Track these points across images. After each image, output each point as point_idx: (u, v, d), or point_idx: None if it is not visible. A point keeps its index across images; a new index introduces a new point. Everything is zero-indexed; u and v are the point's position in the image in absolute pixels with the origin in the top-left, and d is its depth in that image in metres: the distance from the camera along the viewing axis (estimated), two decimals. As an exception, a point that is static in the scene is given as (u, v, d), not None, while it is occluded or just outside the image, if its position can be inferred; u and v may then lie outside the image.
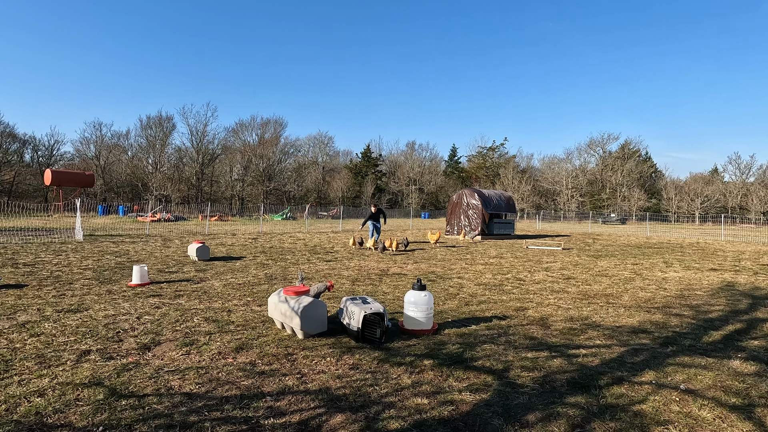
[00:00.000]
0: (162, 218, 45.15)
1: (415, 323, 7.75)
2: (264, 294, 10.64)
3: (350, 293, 10.91)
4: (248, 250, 20.47)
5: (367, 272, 14.41)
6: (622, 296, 11.22)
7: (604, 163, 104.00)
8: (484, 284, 12.62)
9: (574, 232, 43.97)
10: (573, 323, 8.54)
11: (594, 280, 13.57)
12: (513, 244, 26.67)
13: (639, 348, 7.17)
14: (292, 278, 13.01)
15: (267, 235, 29.22)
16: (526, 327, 8.24)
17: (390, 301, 10.12)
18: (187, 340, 7.15)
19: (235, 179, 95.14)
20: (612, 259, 19.51)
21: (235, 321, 8.30)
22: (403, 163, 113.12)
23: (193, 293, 10.63)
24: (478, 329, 8.03)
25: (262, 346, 6.97)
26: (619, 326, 8.40)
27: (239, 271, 14.10)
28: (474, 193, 31.48)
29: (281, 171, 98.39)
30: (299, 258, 17.94)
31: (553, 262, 18.11)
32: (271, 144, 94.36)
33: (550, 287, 12.32)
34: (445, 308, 9.55)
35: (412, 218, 55.92)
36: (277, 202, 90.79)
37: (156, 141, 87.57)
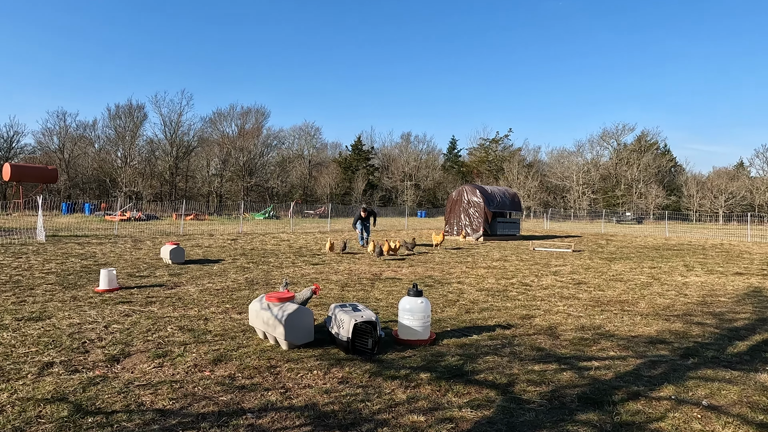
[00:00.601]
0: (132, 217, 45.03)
1: (410, 333, 7.76)
2: (244, 300, 10.63)
3: (339, 300, 10.92)
4: (227, 252, 20.45)
5: (357, 277, 14.41)
6: (638, 303, 11.24)
7: (619, 157, 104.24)
8: (486, 290, 12.63)
9: (586, 232, 44.05)
10: (584, 333, 8.55)
11: (607, 286, 13.60)
12: (518, 245, 26.72)
13: (657, 360, 7.18)
14: (276, 283, 13.00)
15: (248, 236, 29.19)
16: (532, 337, 8.25)
17: (383, 308, 10.13)
18: (160, 352, 7.13)
19: (212, 174, 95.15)
20: (627, 262, 19.55)
21: (212, 330, 8.29)
22: (398, 157, 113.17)
23: (167, 300, 10.61)
24: (479, 339, 8.04)
25: (242, 357, 6.96)
26: (635, 336, 8.42)
27: (217, 276, 14.09)
28: (475, 190, 31.50)
29: (263, 165, 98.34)
30: (283, 261, 17.93)
31: (563, 265, 18.15)
32: (252, 135, 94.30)
33: (559, 293, 12.34)
34: (444, 316, 9.57)
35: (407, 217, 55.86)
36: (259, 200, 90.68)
37: (126, 132, 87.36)
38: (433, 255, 20.53)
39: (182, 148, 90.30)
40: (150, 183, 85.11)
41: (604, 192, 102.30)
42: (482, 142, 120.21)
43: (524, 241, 30.53)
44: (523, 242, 29.17)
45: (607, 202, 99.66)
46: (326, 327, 7.93)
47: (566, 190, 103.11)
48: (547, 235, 38.99)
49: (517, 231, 33.05)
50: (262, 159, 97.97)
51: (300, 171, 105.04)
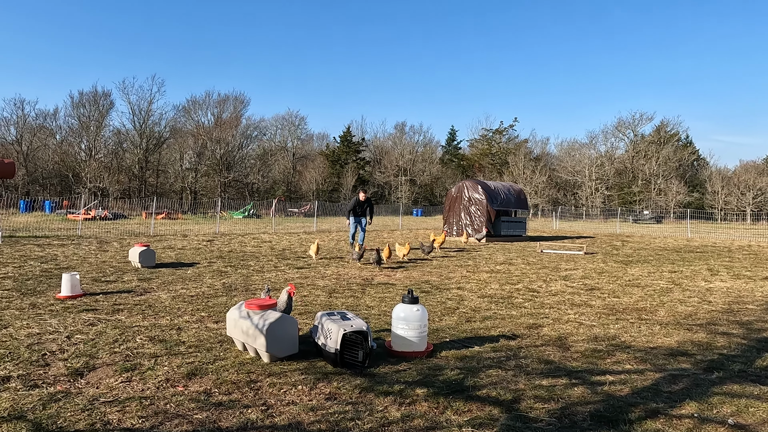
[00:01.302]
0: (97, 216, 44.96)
1: (405, 344, 7.75)
2: (221, 308, 10.62)
3: (326, 307, 10.91)
4: (202, 254, 20.43)
5: (347, 282, 14.41)
6: (657, 311, 11.27)
7: (636, 149, 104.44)
8: (489, 296, 12.65)
9: (599, 232, 44.12)
10: (597, 344, 8.57)
11: (623, 292, 13.63)
12: (524, 247, 26.75)
13: (678, 374, 7.18)
14: (256, 289, 12.99)
15: (225, 237, 29.17)
16: (540, 348, 8.26)
17: (375, 316, 10.14)
18: (128, 365, 7.12)
19: (186, 168, 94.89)
20: (645, 265, 19.59)
21: (186, 341, 8.28)
22: (391, 149, 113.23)
23: (136, 307, 10.59)
24: (482, 351, 8.04)
25: (219, 371, 6.95)
26: (654, 347, 8.44)
27: (191, 281, 14.07)
28: (477, 186, 31.53)
29: (242, 158, 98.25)
30: (264, 264, 17.93)
31: (574, 269, 18.18)
32: (230, 126, 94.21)
33: (569, 300, 12.37)
34: (442, 325, 9.57)
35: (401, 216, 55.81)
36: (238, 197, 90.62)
37: (90, 122, 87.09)
38: (429, 258, 20.54)
39: (153, 139, 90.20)
40: (117, 178, 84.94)
41: (619, 188, 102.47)
42: (485, 132, 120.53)
43: (531, 242, 30.57)
44: (529, 244, 29.21)
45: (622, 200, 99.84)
46: (312, 337, 7.92)
47: (577, 186, 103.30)
48: (557, 235, 39.05)
49: (524, 231, 33.10)
50: (241, 152, 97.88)
51: (283, 165, 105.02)
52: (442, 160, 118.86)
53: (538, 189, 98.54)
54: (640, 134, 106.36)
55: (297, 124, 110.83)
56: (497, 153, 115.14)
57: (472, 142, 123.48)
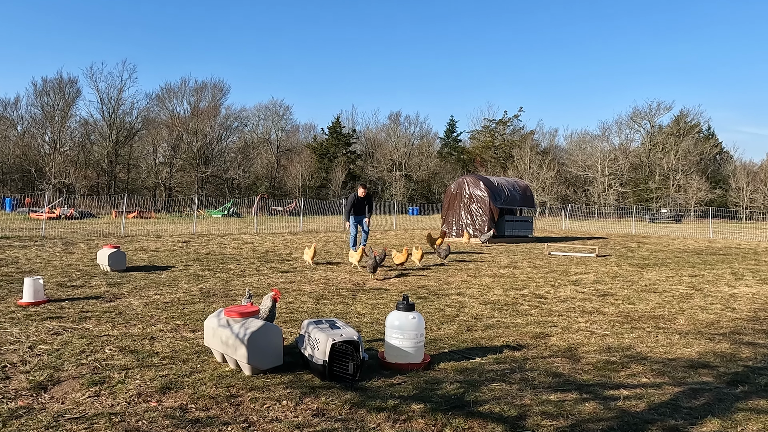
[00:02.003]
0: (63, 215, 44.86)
1: (400, 355, 7.75)
2: (199, 316, 10.62)
3: (314, 315, 10.92)
4: (178, 257, 20.42)
5: (336, 287, 14.41)
6: (676, 319, 11.29)
7: (653, 142, 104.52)
8: (492, 303, 12.67)
9: (613, 233, 44.18)
10: (611, 355, 8.57)
11: (639, 298, 13.65)
12: (531, 248, 26.78)
13: (699, 388, 7.19)
14: (237, 295, 12.99)
15: (203, 237, 29.15)
16: (548, 360, 8.27)
17: (367, 325, 10.14)
18: (97, 378, 7.10)
19: (160, 163, 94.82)
20: (663, 269, 19.63)
21: (160, 352, 8.26)
22: (385, 142, 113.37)
23: (105, 315, 10.57)
24: (484, 363, 8.04)
25: (195, 385, 6.94)
26: (673, 359, 8.44)
27: (166, 286, 14.06)
28: (479, 182, 31.52)
29: (222, 152, 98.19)
30: (246, 268, 17.92)
31: (585, 273, 18.20)
32: (208, 116, 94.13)
33: (580, 307, 12.38)
34: (441, 335, 9.58)
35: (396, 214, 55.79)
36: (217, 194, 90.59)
37: (55, 112, 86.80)
38: (426, 261, 20.54)
39: (123, 131, 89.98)
40: (84, 173, 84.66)
41: (634, 184, 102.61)
42: (487, 123, 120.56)
43: (538, 243, 30.60)
44: (536, 245, 29.24)
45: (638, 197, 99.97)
46: (298, 348, 7.91)
47: (589, 182, 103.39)
48: (566, 236, 39.08)
49: (530, 231, 33.13)
50: (220, 144, 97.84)
51: (266, 159, 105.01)
52: (440, 154, 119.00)
53: (545, 185, 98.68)
54: (658, 125, 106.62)
55: (281, 114, 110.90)
56: (501, 146, 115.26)
57: (473, 134, 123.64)
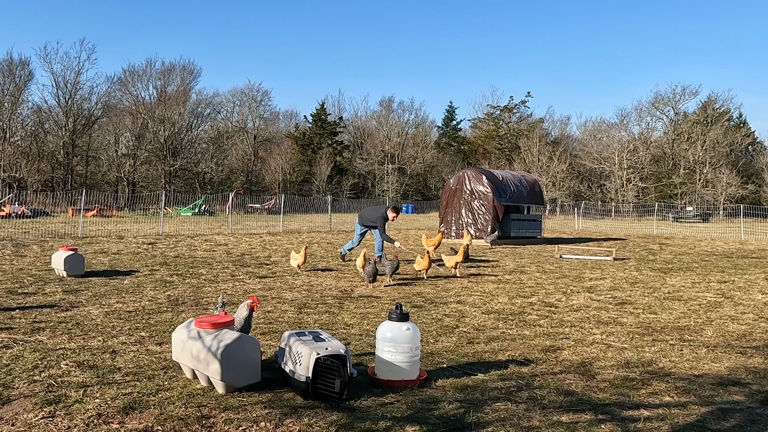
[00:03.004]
0: (13, 213, 44.76)
1: (393, 370, 7.74)
2: (166, 327, 10.60)
3: (296, 326, 10.93)
4: (143, 260, 20.40)
5: (320, 294, 14.42)
6: (703, 330, 11.30)
7: (677, 131, 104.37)
8: (496, 312, 12.68)
9: (632, 233, 44.24)
10: (630, 371, 8.58)
11: (661, 306, 13.68)
12: (540, 251, 26.80)
13: (729, 408, 7.19)
14: (209, 303, 12.99)
15: (171, 239, 29.13)
16: (559, 376, 8.28)
17: (355, 337, 10.16)
18: (51, 396, 7.09)
19: (122, 155, 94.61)
20: (688, 274, 19.66)
21: (122, 367, 8.25)
22: (375, 131, 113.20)
23: (60, 325, 10.56)
24: (487, 380, 8.04)
25: (162, 404, 6.93)
26: (699, 375, 8.45)
27: (129, 293, 14.05)
28: (481, 176, 31.53)
29: (192, 142, 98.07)
30: (219, 273, 17.92)
31: (600, 278, 18.23)
32: (176, 102, 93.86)
33: (595, 317, 12.41)
34: (439, 348, 9.59)
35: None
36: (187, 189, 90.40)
37: (4, 97, 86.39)
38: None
39: (81, 118, 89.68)
40: (37, 166, 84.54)
41: (656, 179, 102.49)
42: (490, 110, 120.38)
43: (548, 245, 30.63)
44: (545, 247, 29.27)
45: (660, 193, 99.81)
46: (278, 363, 7.89)
47: (605, 176, 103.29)
48: (579, 237, 39.12)
49: (539, 232, 33.17)
50: (190, 134, 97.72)
51: (242, 150, 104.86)
52: (438, 145, 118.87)
53: (556, 180, 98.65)
54: (683, 112, 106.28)
55: (259, 100, 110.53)
56: (506, 135, 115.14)
57: (475, 122, 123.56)
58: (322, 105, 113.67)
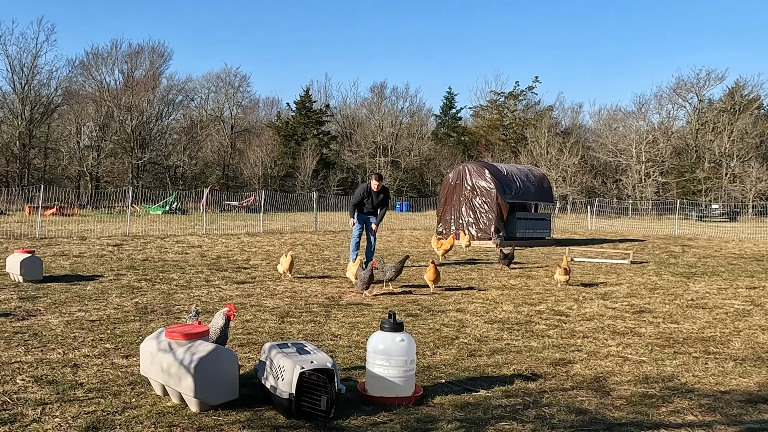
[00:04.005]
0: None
1: (385, 386, 7.72)
2: (134, 338, 10.59)
3: (278, 336, 10.92)
4: (107, 263, 20.38)
5: (305, 301, 14.43)
6: (730, 341, 11.32)
7: (701, 120, 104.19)
8: (500, 321, 12.69)
9: (651, 234, 44.29)
10: (649, 386, 8.59)
11: (683, 315, 13.70)
12: (549, 253, 26.83)
13: (759, 428, 7.20)
14: (181, 312, 12.97)
15: (138, 240, 29.12)
16: (570, 393, 8.28)
17: (344, 349, 10.16)
18: (6, 416, 7.07)
19: (85, 146, 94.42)
20: (714, 279, 19.69)
21: (85, 383, 8.23)
22: (366, 120, 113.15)
23: (16, 336, 10.55)
24: (490, 397, 8.04)
25: (129, 424, 6.92)
26: (726, 391, 8.46)
27: (92, 300, 14.03)
28: (483, 170, 31.51)
29: (162, 132, 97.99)
30: (192, 278, 17.91)
31: (616, 284, 18.25)
32: (145, 88, 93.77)
33: (610, 327, 12.42)
34: (436, 361, 9.59)
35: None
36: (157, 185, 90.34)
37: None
38: (419, 269, 20.54)
39: (40, 106, 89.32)
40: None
41: (678, 173, 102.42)
42: (494, 97, 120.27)
43: (557, 247, 30.65)
44: (555, 249, 29.29)
45: (682, 189, 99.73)
46: (257, 378, 7.88)
47: (621, 171, 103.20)
48: (593, 238, 39.15)
49: (547, 232, 33.19)
50: (160, 123, 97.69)
51: (218, 141, 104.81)
52: (435, 135, 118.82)
53: (567, 174, 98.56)
54: (707, 99, 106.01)
55: (237, 86, 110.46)
56: (511, 125, 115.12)
57: (476, 111, 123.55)
58: (306, 91, 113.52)
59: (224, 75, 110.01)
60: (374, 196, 20.37)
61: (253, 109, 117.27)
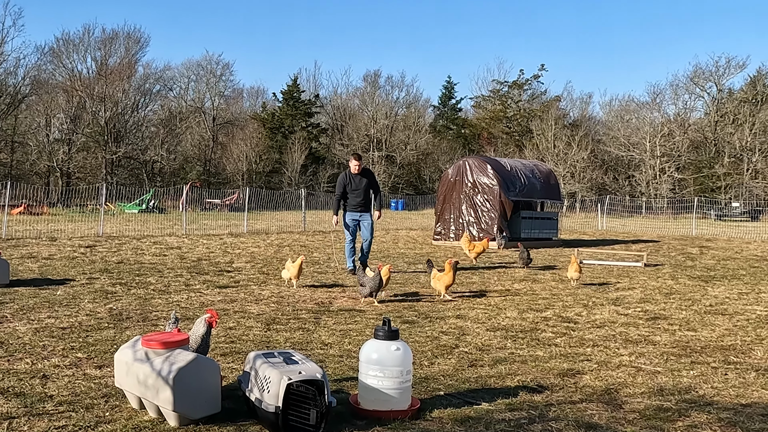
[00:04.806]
0: None
1: (379, 399, 7.69)
2: (108, 346, 10.56)
3: (263, 345, 10.91)
4: (79, 266, 20.37)
5: (292, 307, 14.42)
6: (752, 351, 11.31)
7: (720, 112, 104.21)
8: (503, 329, 12.69)
9: (666, 234, 44.32)
10: (664, 399, 8.57)
11: (702, 322, 13.70)
12: (556, 255, 26.86)
13: (781, 443, 7.20)
14: (158, 318, 12.96)
15: (113, 241, 29.10)
16: (579, 406, 8.27)
17: (334, 359, 10.16)
18: (-32, 431, 7.08)
19: (55, 140, 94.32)
20: (734, 283, 19.70)
21: (55, 395, 8.21)
22: (359, 112, 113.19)
23: (-21, 346, 10.53)
24: (492, 410, 8.02)
25: (103, 440, 6.91)
26: (747, 405, 8.44)
27: (63, 306, 14.01)
28: (485, 165, 31.49)
29: (138, 125, 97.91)
30: (171, 282, 17.90)
31: (629, 288, 18.26)
32: (120, 76, 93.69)
33: (622, 334, 12.42)
34: (435, 372, 9.58)
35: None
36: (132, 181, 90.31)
37: None
38: (416, 274, 20.53)
39: (6, 96, 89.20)
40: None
41: (696, 168, 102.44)
42: (497, 86, 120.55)
43: (565, 248, 30.65)
44: (563, 251, 29.29)
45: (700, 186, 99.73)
46: (241, 390, 7.85)
47: (634, 166, 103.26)
48: (603, 239, 39.16)
49: (554, 232, 33.19)
50: (136, 115, 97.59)
51: (199, 134, 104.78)
52: (433, 128, 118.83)
53: (575, 170, 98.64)
54: (727, 89, 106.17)
55: (219, 75, 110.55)
56: (515, 117, 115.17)
57: (478, 101, 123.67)
58: (294, 80, 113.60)
59: (205, 63, 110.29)
60: (356, 181, 20.07)
61: (236, 99, 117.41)
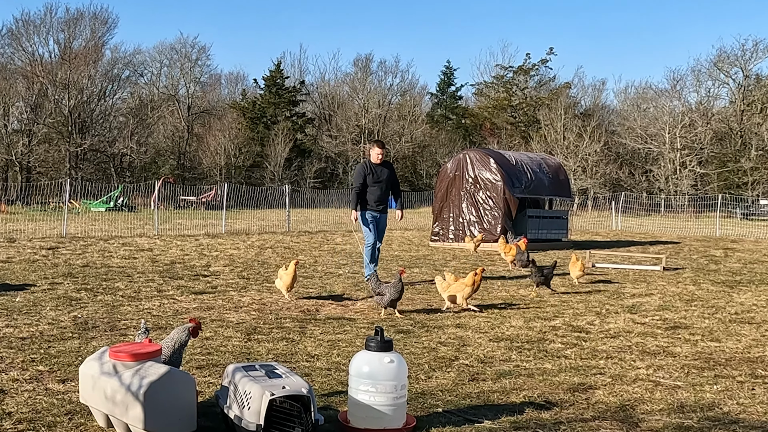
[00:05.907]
0: None
1: (371, 416, 7.68)
2: (72, 358, 10.55)
3: (243, 357, 10.90)
4: (40, 270, 20.37)
5: (276, 315, 14.42)
6: (780, 363, 11.31)
7: (747, 100, 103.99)
8: (508, 339, 12.69)
9: (687, 235, 44.36)
10: (685, 416, 8.55)
11: (726, 332, 13.70)
12: (566, 258, 26.87)
13: (812, 463, 7.21)
14: (128, 328, 12.95)
15: (78, 242, 29.09)
16: (591, 424, 8.25)
17: (322, 372, 10.14)
18: None
19: (14, 131, 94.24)
20: (762, 289, 19.73)
21: (13, 412, 8.19)
22: (349, 100, 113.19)
23: (-71, 358, 10.52)
24: (496, 428, 8.00)
25: (67, 462, 6.90)
26: (776, 422, 8.46)
27: (22, 313, 14.00)
28: (488, 159, 31.48)
29: (106, 114, 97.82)
30: (141, 287, 17.89)
31: (646, 294, 18.28)
32: (85, 61, 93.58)
33: (639, 345, 12.42)
34: (432, 386, 9.57)
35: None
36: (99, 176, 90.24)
37: None
38: (411, 276, 20.54)
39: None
40: None
41: (720, 162, 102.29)
42: (501, 72, 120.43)
43: (576, 250, 30.61)
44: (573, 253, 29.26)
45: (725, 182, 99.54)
46: (219, 406, 7.85)
47: (652, 160, 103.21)
48: (618, 240, 39.18)
49: (564, 233, 33.20)
50: (103, 103, 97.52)
51: (172, 125, 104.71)
52: (431, 118, 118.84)
53: (587, 164, 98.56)
54: (754, 75, 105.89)
55: (195, 59, 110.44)
56: (521, 105, 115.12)
57: (480, 88, 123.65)
58: (277, 65, 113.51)
59: (179, 46, 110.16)
60: (377, 171, 19.31)
61: (213, 86, 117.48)
